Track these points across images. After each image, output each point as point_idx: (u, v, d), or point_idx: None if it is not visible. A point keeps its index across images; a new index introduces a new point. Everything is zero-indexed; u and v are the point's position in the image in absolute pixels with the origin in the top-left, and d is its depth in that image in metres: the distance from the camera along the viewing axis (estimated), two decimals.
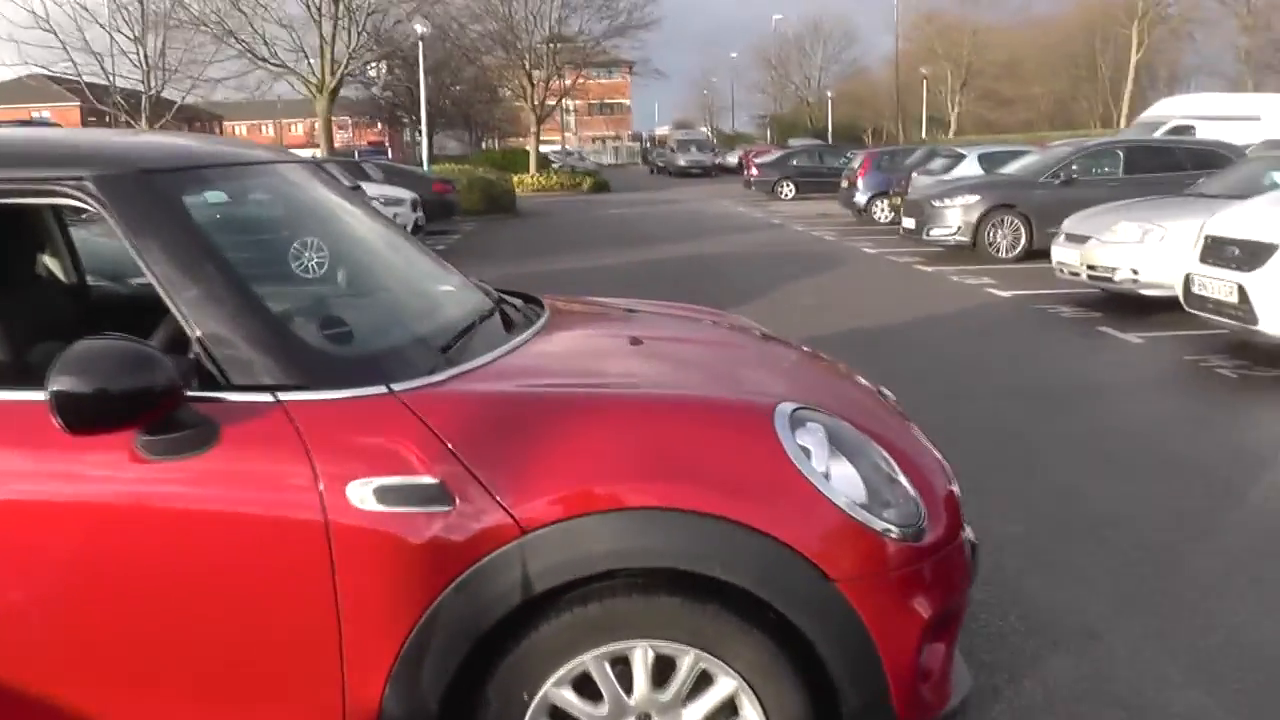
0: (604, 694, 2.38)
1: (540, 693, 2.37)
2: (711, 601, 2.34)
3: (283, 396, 2.33)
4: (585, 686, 2.39)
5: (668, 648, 2.36)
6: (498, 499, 2.27)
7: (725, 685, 2.38)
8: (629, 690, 2.38)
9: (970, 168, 19.65)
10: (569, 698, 2.38)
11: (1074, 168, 15.68)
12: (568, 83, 50.51)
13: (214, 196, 3.00)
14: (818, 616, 2.34)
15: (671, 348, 3.25)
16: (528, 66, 46.93)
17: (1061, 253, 11.42)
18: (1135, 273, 10.30)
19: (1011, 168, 17.43)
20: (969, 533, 2.74)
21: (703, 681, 2.39)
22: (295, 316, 2.63)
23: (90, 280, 4.01)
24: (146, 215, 2.42)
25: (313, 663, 2.34)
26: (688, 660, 2.36)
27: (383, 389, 2.38)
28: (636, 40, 50.47)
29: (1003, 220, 15.60)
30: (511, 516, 2.27)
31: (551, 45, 47.52)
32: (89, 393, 2.13)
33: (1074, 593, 4.14)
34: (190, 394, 2.28)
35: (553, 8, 47.04)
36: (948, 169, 20.11)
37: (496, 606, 2.30)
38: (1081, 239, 11.00)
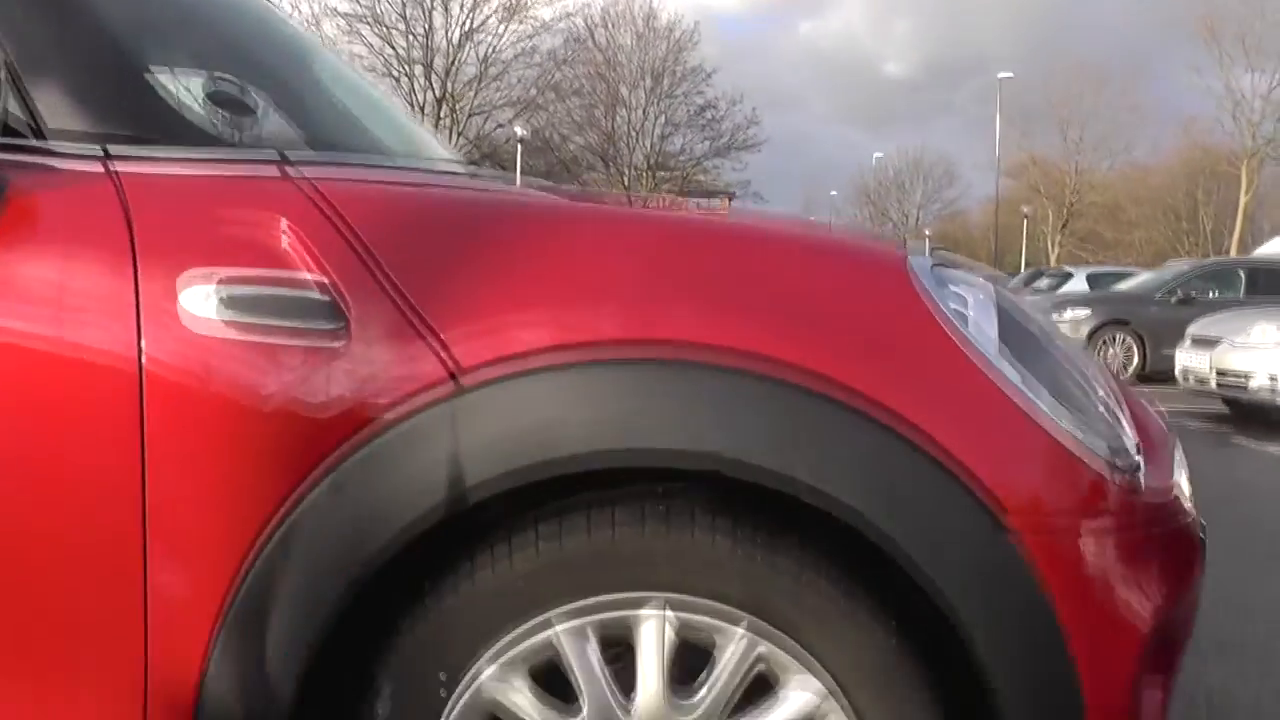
0: (580, 689, 1.34)
1: (469, 681, 1.34)
2: (785, 540, 1.31)
3: (114, 151, 1.40)
4: (548, 677, 1.37)
5: (701, 616, 1.33)
6: (421, 321, 1.30)
7: (800, 695, 1.33)
8: (626, 690, 1.35)
9: (1078, 286, 18.56)
10: (519, 697, 1.35)
11: (1192, 286, 14.54)
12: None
13: None
14: (978, 584, 1.30)
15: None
16: (626, 183, 46.80)
17: (1187, 358, 10.26)
18: (1274, 379, 9.07)
19: (1125, 285, 16.31)
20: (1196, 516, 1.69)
21: (757, 685, 1.36)
22: (164, 62, 1.68)
23: None
24: None
25: (95, 605, 1.35)
26: (736, 642, 1.33)
27: (273, 157, 1.46)
28: (739, 162, 50.20)
29: (1114, 338, 14.44)
30: (441, 354, 1.29)
31: (651, 164, 47.45)
32: None
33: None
34: None
35: (655, 125, 47.12)
36: (1054, 288, 19.03)
37: (401, 519, 1.30)
38: (1212, 342, 9.84)
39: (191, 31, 1.86)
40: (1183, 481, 1.67)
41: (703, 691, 1.33)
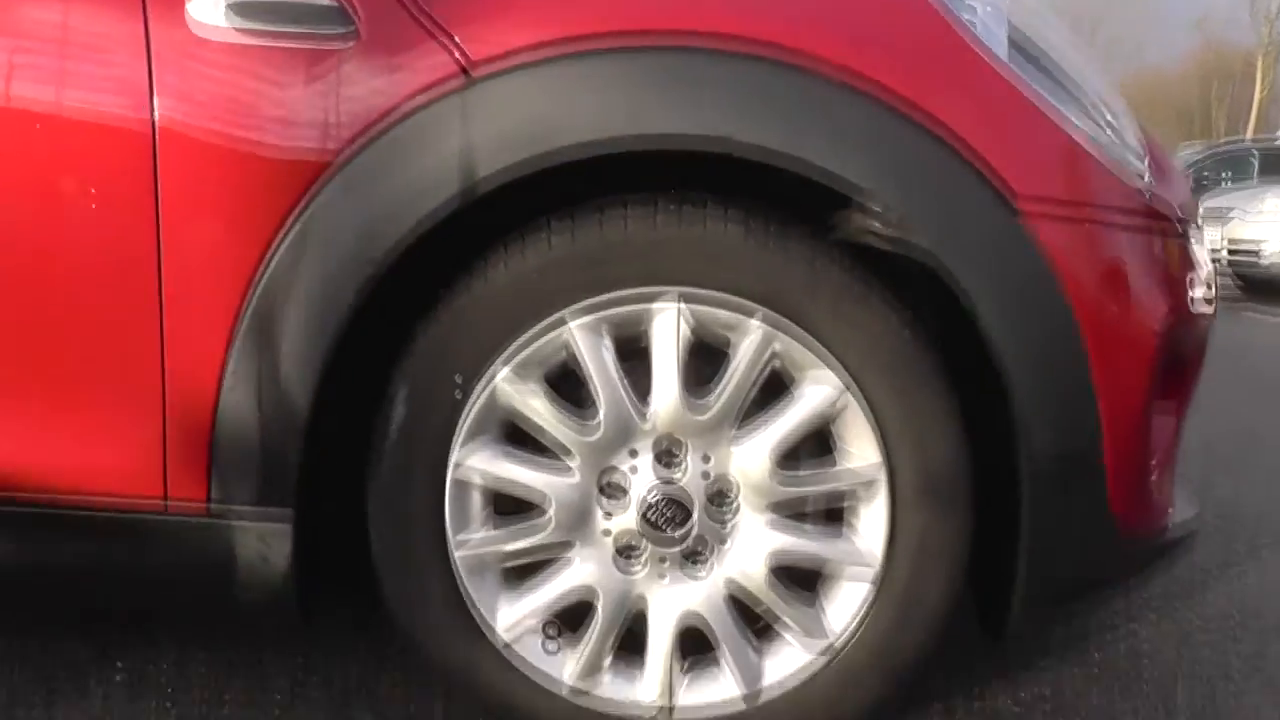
0: (595, 392, 1.34)
1: (484, 383, 1.34)
2: (798, 229, 1.30)
3: None
4: (563, 382, 1.37)
5: (715, 308, 1.32)
6: (429, 21, 1.28)
7: (817, 388, 1.33)
8: (643, 392, 1.34)
9: None
10: (534, 401, 1.35)
11: (1205, 169, 14.41)
12: None
13: None
14: (988, 264, 1.29)
15: None
16: None
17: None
18: None
19: None
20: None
21: (772, 382, 1.35)
22: None
23: None
24: None
25: (111, 316, 1.34)
26: (751, 334, 1.32)
27: None
28: None
29: None
30: (451, 48, 1.27)
31: None
32: None
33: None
34: None
35: None
36: None
37: (413, 210, 1.28)
38: (1223, 214, 9.78)
39: None
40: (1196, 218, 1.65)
41: (719, 389, 1.32)
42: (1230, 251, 9.59)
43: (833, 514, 1.40)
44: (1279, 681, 1.80)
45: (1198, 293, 1.51)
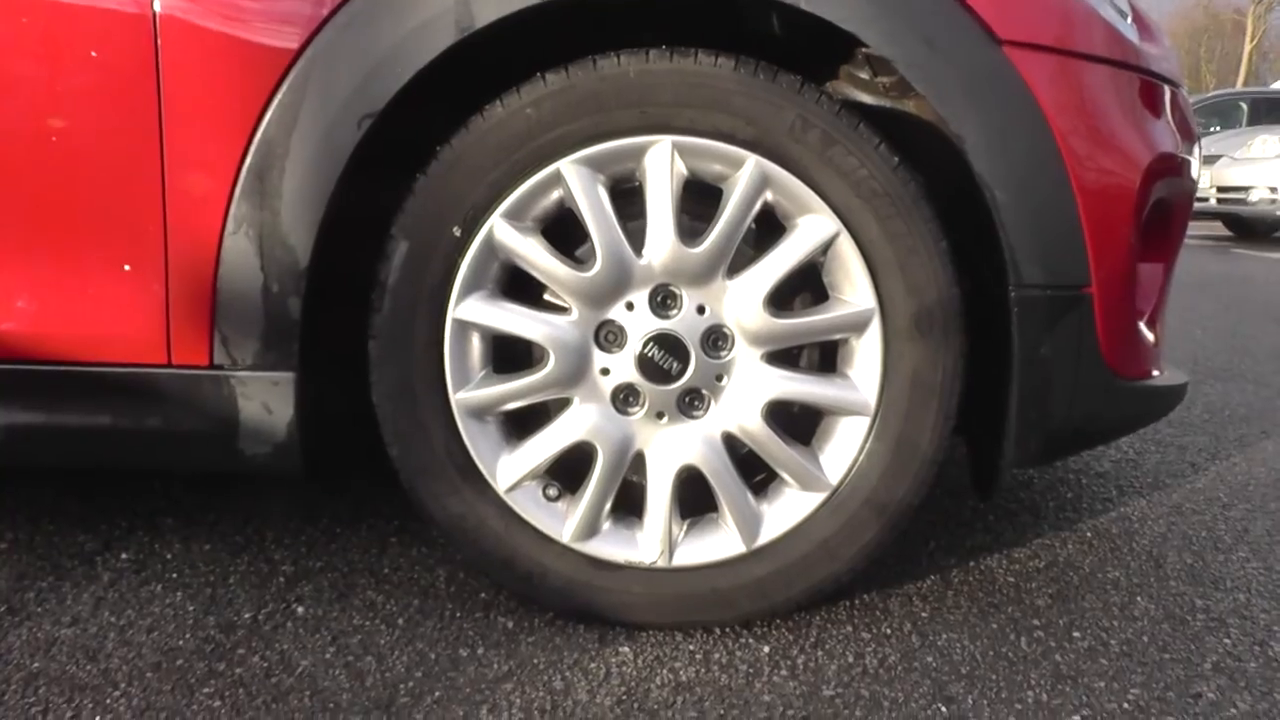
0: (591, 233, 1.35)
1: (481, 230, 1.35)
2: (786, 75, 1.32)
3: None
4: (561, 234, 1.39)
5: (707, 147, 1.33)
6: None
7: (810, 229, 1.35)
8: (637, 239, 1.36)
9: None
10: (528, 250, 1.36)
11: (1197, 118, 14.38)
12: None
13: None
14: (973, 93, 1.31)
15: None
16: None
17: None
18: (1274, 190, 9.06)
19: None
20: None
21: (767, 225, 1.37)
22: None
23: None
24: None
25: (110, 165, 1.35)
26: (745, 173, 1.33)
27: None
28: None
29: None
30: None
31: None
32: None
33: (1267, 399, 3.05)
34: None
35: None
36: None
37: (411, 55, 1.30)
38: (1211, 159, 9.78)
39: None
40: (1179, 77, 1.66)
41: (713, 231, 1.34)
42: (1219, 196, 9.59)
43: (827, 361, 1.42)
44: (1264, 547, 1.83)
45: (1180, 142, 1.53)
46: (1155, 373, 1.55)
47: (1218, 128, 14.36)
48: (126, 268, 1.37)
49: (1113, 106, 1.38)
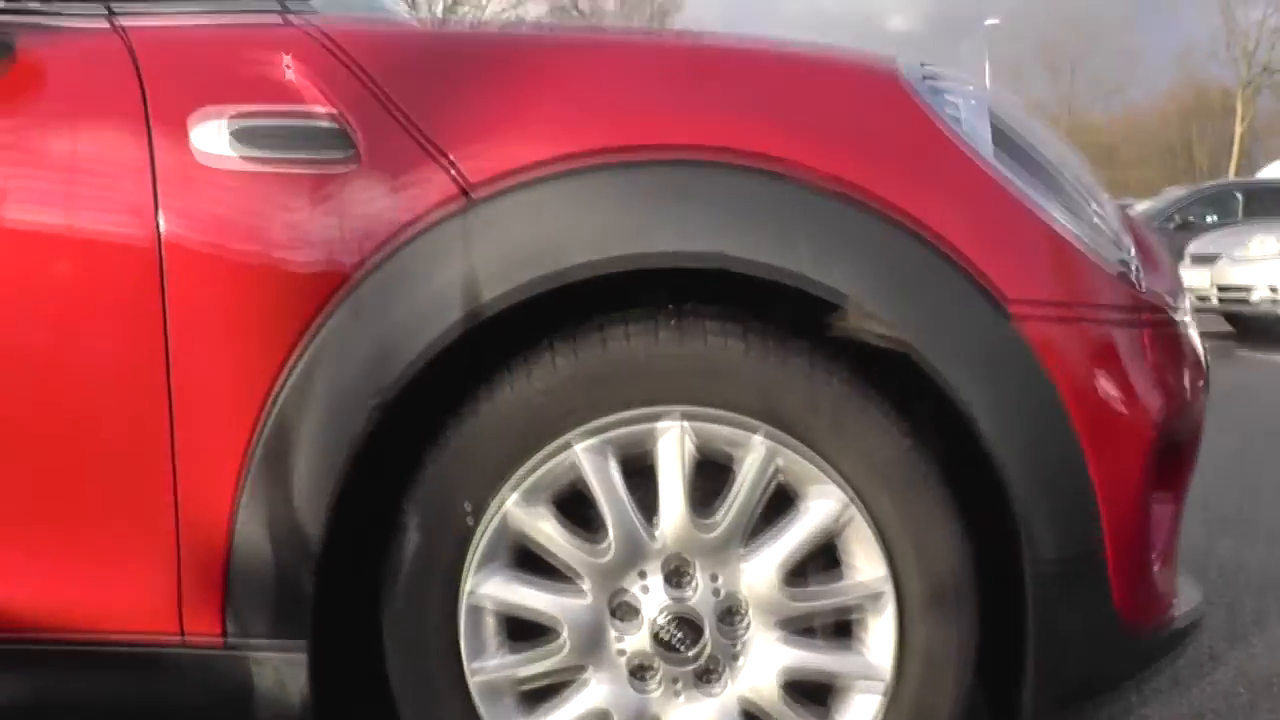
0: (605, 516, 1.36)
1: (494, 510, 1.36)
2: (797, 345, 1.33)
3: (118, 9, 1.42)
4: (571, 504, 1.38)
5: (719, 426, 1.34)
6: (429, 141, 1.31)
7: (822, 504, 1.35)
8: (649, 511, 1.36)
9: None
10: (543, 525, 1.36)
11: (1191, 211, 14.53)
12: None
13: None
14: (984, 373, 1.32)
15: None
16: None
17: (1187, 276, 10.20)
18: (1275, 291, 9.09)
19: None
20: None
21: (780, 499, 1.37)
22: None
23: None
24: None
25: (122, 451, 1.37)
26: (755, 452, 1.34)
27: (272, 7, 1.45)
28: None
29: None
30: (451, 173, 1.30)
31: None
32: None
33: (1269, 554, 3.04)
34: None
35: None
36: None
37: (418, 337, 1.31)
38: (1210, 259, 9.85)
39: None
40: (1185, 305, 1.68)
41: (725, 507, 1.34)
42: (1220, 296, 9.64)
43: (842, 626, 1.41)
44: None
45: (1191, 379, 1.54)
46: (1172, 616, 1.54)
47: (1214, 217, 14.49)
48: (137, 541, 1.37)
49: (1123, 362, 1.39)
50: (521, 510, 1.35)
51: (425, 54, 1.43)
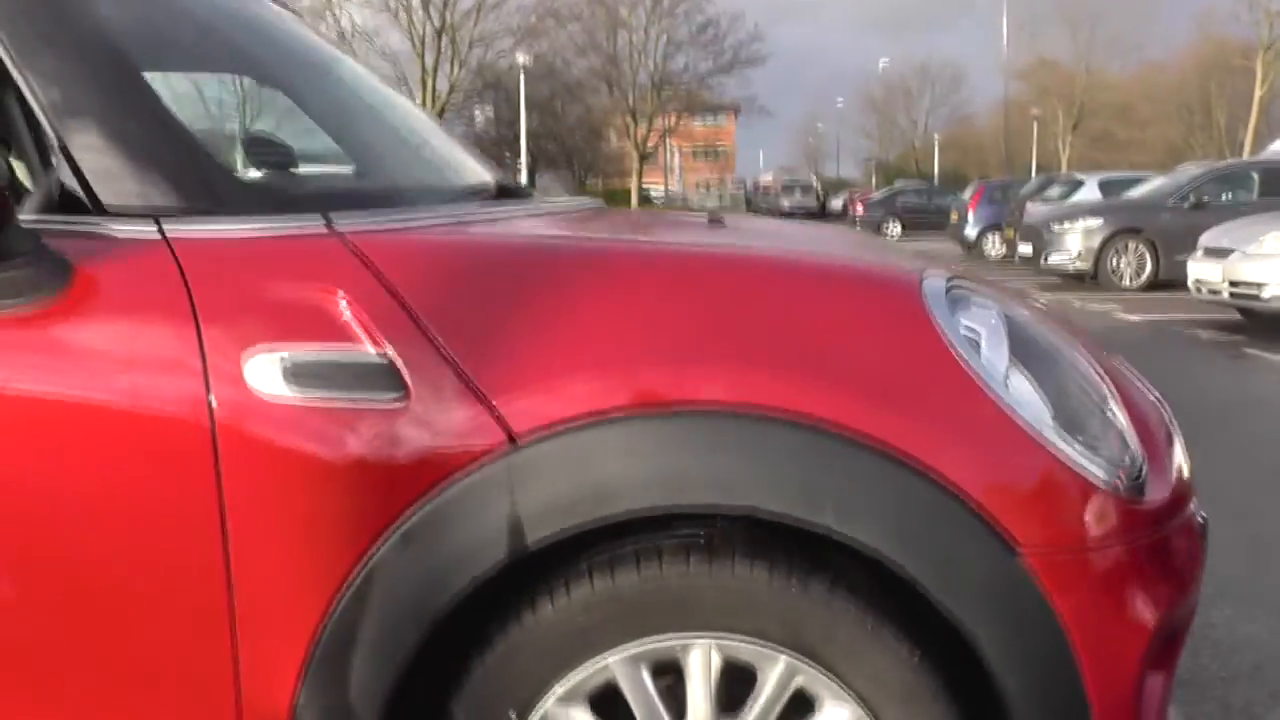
0: (637, 714, 1.49)
1: (536, 714, 1.48)
2: (817, 576, 1.45)
3: (169, 227, 1.50)
4: (606, 706, 1.51)
5: (744, 648, 1.46)
6: (476, 386, 1.42)
7: (835, 713, 1.47)
8: (680, 709, 1.49)
9: (1090, 194, 18.43)
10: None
11: (1205, 190, 14.53)
12: (671, 123, 50.23)
13: None
14: (992, 608, 1.43)
15: (766, 226, 2.33)
16: (631, 103, 46.86)
17: (1200, 269, 10.29)
18: None
19: (1137, 192, 16.24)
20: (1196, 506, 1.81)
21: (799, 708, 1.50)
22: (206, 130, 1.80)
23: None
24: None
25: (188, 645, 1.49)
26: (776, 671, 1.46)
27: (319, 223, 1.55)
28: (742, 78, 50.03)
29: (1127, 246, 14.46)
30: (496, 416, 1.41)
31: (655, 82, 47.36)
32: None
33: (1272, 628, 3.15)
34: (31, 217, 1.51)
35: (658, 44, 46.89)
36: (1065, 196, 18.88)
37: (466, 568, 1.43)
38: (1223, 253, 9.88)
39: (235, 99, 1.96)
40: (1179, 458, 1.77)
41: (747, 711, 1.47)
42: (1231, 291, 9.69)
43: None
44: None
45: (1187, 572, 1.65)
46: None
47: (1229, 196, 14.49)
48: (201, 706, 1.50)
49: (1120, 581, 1.49)
50: (560, 709, 1.48)
51: (469, 275, 1.52)
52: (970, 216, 22.76)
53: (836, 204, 57.88)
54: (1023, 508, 1.43)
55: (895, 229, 34.07)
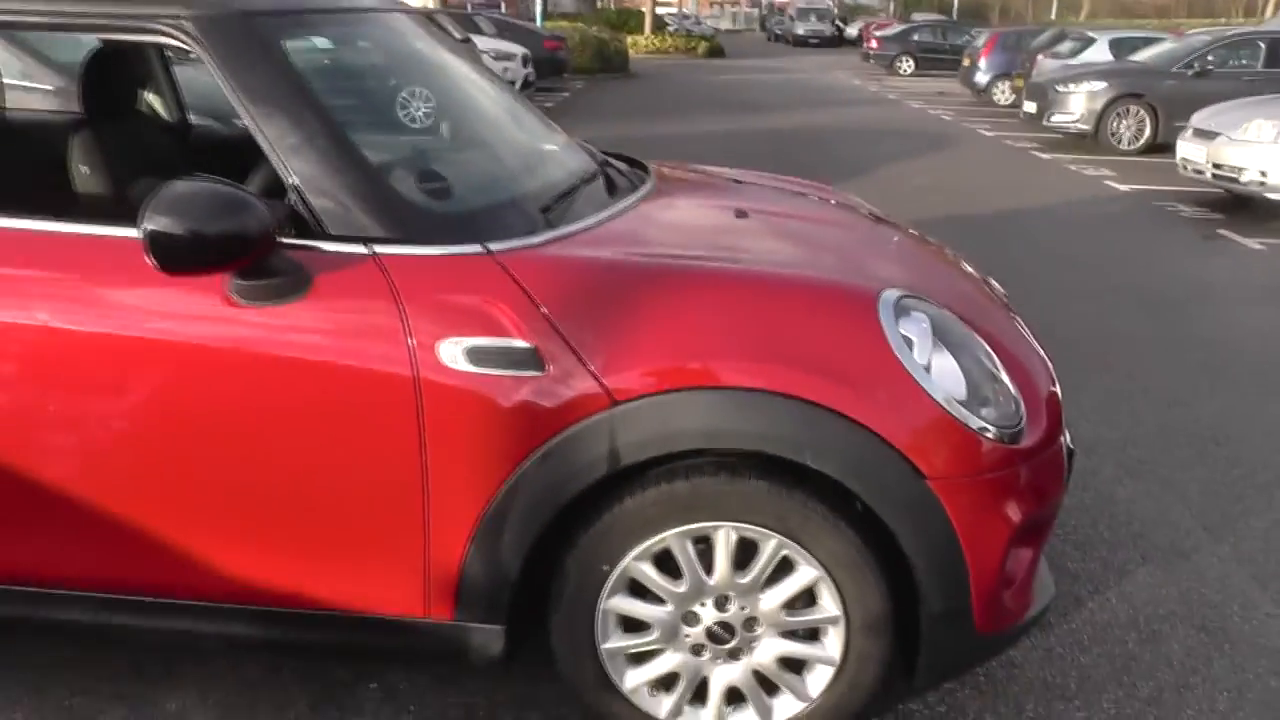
0: (684, 571, 2.38)
1: (620, 565, 2.38)
2: (799, 489, 2.31)
3: (378, 249, 2.31)
4: (665, 563, 2.39)
5: (751, 531, 2.34)
6: (590, 367, 2.25)
7: (806, 574, 2.37)
8: (709, 570, 2.38)
9: (1100, 53, 18.81)
10: (648, 572, 2.39)
11: (1210, 58, 15.00)
12: None
13: (318, 42, 2.96)
14: (906, 514, 2.30)
15: (777, 223, 3.15)
16: None
17: (1187, 149, 10.94)
18: (1264, 175, 9.86)
19: (1143, 55, 16.67)
20: (1067, 438, 2.66)
21: (783, 568, 2.38)
22: (394, 168, 2.59)
23: (193, 119, 4.03)
24: (244, 57, 2.38)
25: (396, 520, 2.36)
26: (770, 546, 2.34)
27: (479, 248, 2.35)
28: None
29: (1128, 110, 15.02)
30: (603, 386, 2.25)
31: None
32: (182, 234, 2.12)
33: (1166, 507, 4.05)
34: (284, 241, 2.27)
35: None
36: (1076, 53, 19.26)
37: (582, 476, 2.29)
38: (1210, 135, 10.52)
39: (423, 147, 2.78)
40: (1057, 391, 2.61)
41: (751, 571, 2.37)
42: (1214, 173, 10.38)
43: (812, 633, 2.44)
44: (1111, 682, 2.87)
45: (1050, 484, 2.51)
46: (1021, 623, 2.55)
47: (1238, 61, 14.94)
48: (404, 563, 2.39)
49: (994, 496, 2.35)
50: (635, 564, 2.37)
51: (588, 288, 2.33)
52: (982, 63, 23.10)
53: (852, 31, 57.16)
54: (929, 451, 2.29)
55: (908, 67, 34.22)
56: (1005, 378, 2.45)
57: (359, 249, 2.31)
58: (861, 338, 2.34)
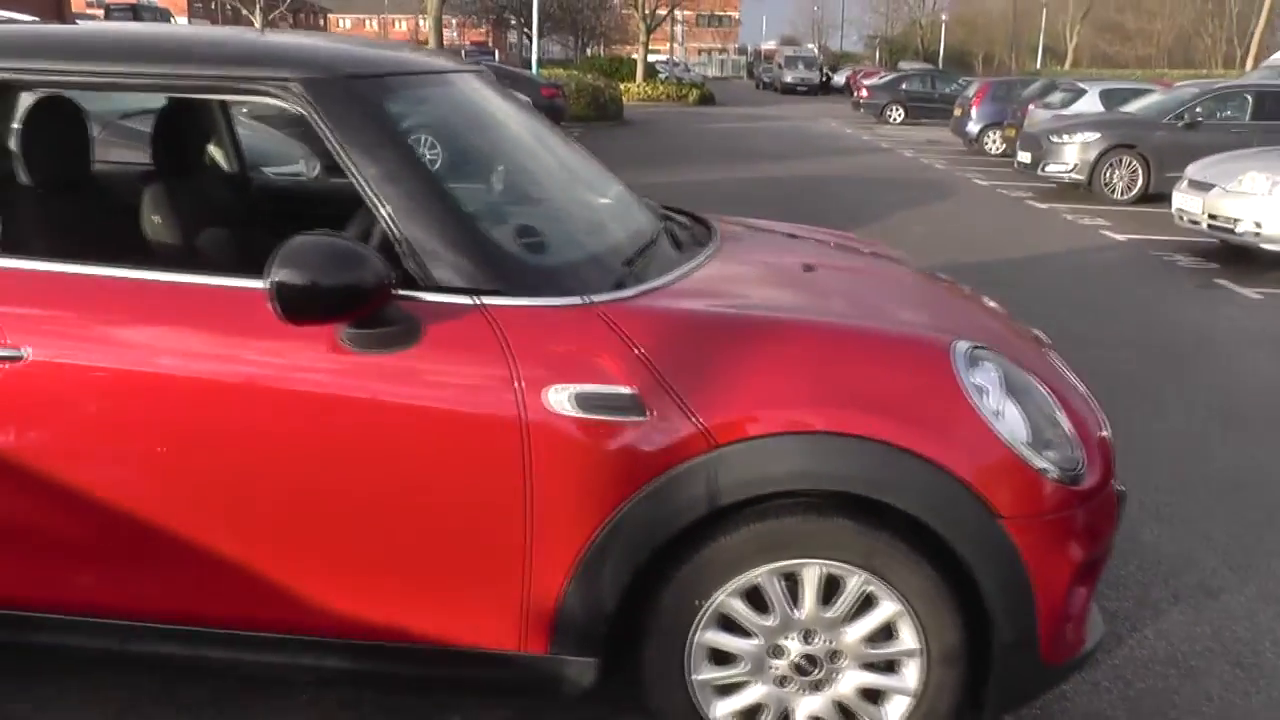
0: (772, 606, 2.54)
1: (712, 601, 2.53)
2: (883, 528, 2.48)
3: (484, 301, 2.47)
4: (754, 598, 2.55)
5: (837, 568, 2.50)
6: (691, 413, 2.41)
7: (887, 608, 2.52)
8: (796, 605, 2.54)
9: (1090, 104, 19.17)
10: (739, 607, 2.54)
11: (1198, 110, 15.35)
12: None
13: (410, 103, 3.13)
14: (982, 550, 2.46)
15: (842, 276, 3.35)
16: None
17: (1183, 200, 11.20)
18: (1259, 226, 10.11)
19: (1133, 107, 17.02)
20: (1117, 481, 2.83)
21: (866, 604, 2.54)
22: (492, 223, 2.76)
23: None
24: (352, 119, 2.56)
25: (497, 557, 2.50)
26: (855, 581, 2.50)
27: (580, 299, 2.52)
28: None
29: (1121, 160, 15.32)
30: (704, 430, 2.41)
31: None
32: (306, 285, 2.28)
33: (1191, 548, 4.21)
34: (395, 292, 2.42)
35: None
36: (1067, 104, 19.64)
37: (681, 516, 2.45)
38: (1205, 186, 10.79)
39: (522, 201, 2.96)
40: (1107, 435, 2.77)
41: (837, 606, 2.52)
42: (1209, 224, 10.63)
43: (890, 665, 2.59)
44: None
45: (1106, 524, 2.67)
46: (1080, 655, 2.70)
47: (1226, 113, 15.29)
48: (503, 599, 2.53)
49: (1060, 534, 2.51)
50: (727, 599, 2.52)
51: (685, 337, 2.50)
52: (973, 113, 23.52)
53: (839, 79, 57.88)
54: (1002, 492, 2.45)
55: (898, 115, 34.72)
56: (1064, 422, 2.62)
57: (465, 300, 2.47)
58: (939, 386, 2.51)
